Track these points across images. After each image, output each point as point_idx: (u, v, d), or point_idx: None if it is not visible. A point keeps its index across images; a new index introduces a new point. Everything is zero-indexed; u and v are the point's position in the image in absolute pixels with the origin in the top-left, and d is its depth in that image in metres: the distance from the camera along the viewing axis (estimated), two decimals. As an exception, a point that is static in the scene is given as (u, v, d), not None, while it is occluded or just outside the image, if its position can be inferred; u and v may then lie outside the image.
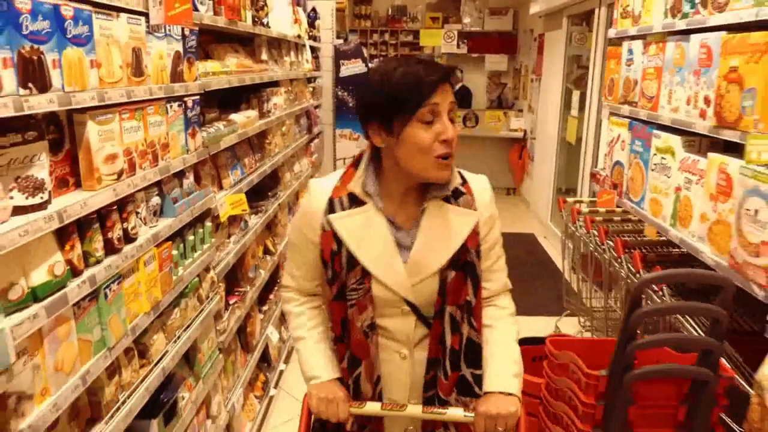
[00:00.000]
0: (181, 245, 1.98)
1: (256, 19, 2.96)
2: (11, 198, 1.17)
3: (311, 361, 1.46)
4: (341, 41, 5.60)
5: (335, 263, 1.36)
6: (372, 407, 1.39)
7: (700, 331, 1.98)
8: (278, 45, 3.69)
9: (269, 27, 3.20)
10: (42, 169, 1.25)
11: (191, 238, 2.06)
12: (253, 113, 2.91)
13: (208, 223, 2.25)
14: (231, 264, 2.54)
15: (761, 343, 1.73)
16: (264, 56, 3.26)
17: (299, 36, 4.07)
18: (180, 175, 1.99)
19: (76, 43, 1.31)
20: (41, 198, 1.25)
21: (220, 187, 2.53)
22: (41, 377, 1.22)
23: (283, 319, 3.75)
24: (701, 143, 2.25)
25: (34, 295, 1.20)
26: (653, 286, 2.15)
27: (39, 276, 1.22)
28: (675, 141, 2.31)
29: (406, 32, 9.90)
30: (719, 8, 2.03)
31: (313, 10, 4.84)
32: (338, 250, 1.35)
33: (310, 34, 4.57)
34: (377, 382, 1.42)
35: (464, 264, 1.38)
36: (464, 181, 1.42)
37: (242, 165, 2.80)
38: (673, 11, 2.41)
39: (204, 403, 2.27)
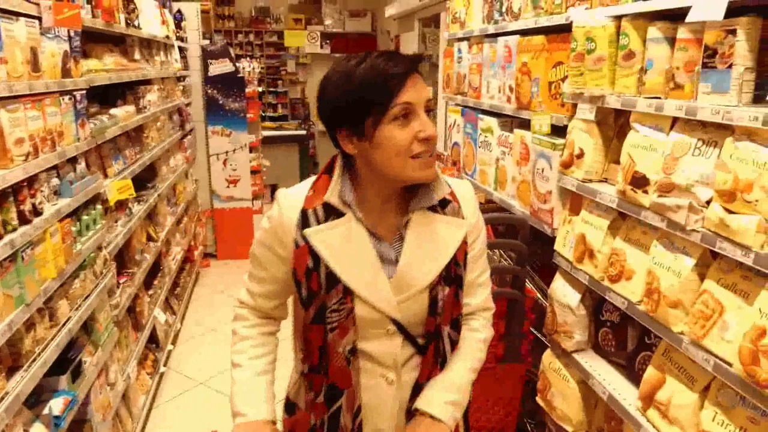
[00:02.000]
0: (78, 223, 2.23)
1: (129, 21, 3.18)
2: (-53, 170, 1.42)
3: (243, 395, 1.31)
4: (207, 42, 5.81)
5: (311, 281, 1.23)
6: None
7: (511, 263, 2.56)
8: (148, 45, 3.89)
9: (140, 28, 3.42)
10: (-33, 148, 1.50)
11: (85, 217, 2.31)
12: (131, 108, 3.14)
13: (99, 206, 2.49)
14: (119, 246, 2.77)
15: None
16: (137, 56, 3.47)
17: (167, 36, 4.28)
18: (73, 161, 2.23)
19: (-12, 43, 1.57)
20: (-31, 172, 1.49)
21: (105, 176, 2.75)
22: (-21, 319, 1.48)
23: (167, 302, 3.97)
24: (513, 123, 2.85)
25: (-30, 252, 1.46)
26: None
27: (-28, 236, 1.48)
28: (493, 122, 2.90)
29: (271, 33, 10.16)
30: (515, 17, 2.63)
31: (179, 11, 5.04)
32: (315, 267, 1.22)
33: (177, 34, 4.77)
34: (357, 413, 1.29)
35: (455, 278, 1.29)
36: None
37: (123, 156, 3.02)
38: (488, 18, 3.01)
39: (103, 370, 2.50)
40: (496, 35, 2.85)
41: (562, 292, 2.19)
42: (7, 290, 1.63)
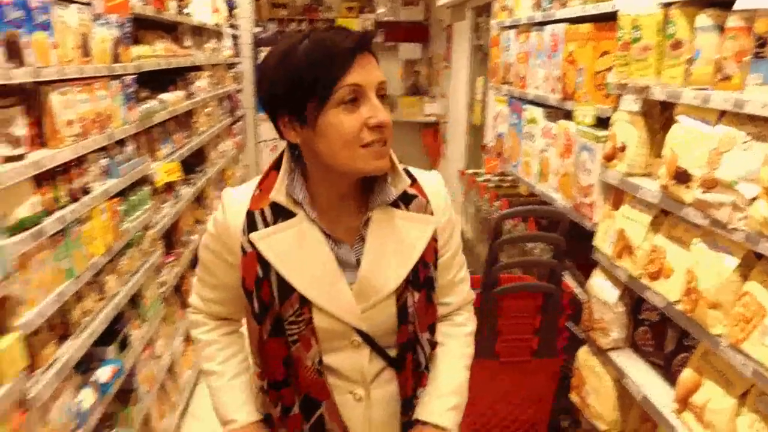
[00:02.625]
0: (126, 203, 2.32)
1: (180, 8, 3.27)
2: (6, 149, 1.50)
3: (226, 401, 1.24)
4: (260, 29, 5.91)
5: (262, 292, 1.11)
6: None
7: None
8: (199, 32, 3.99)
9: (191, 16, 3.51)
10: (19, 128, 1.58)
11: (133, 198, 2.40)
12: (180, 93, 3.23)
13: (146, 188, 2.58)
14: (167, 226, 2.87)
15: (591, 262, 2.28)
16: (187, 42, 3.57)
17: (218, 24, 4.37)
18: (122, 143, 2.32)
19: (41, 28, 1.64)
20: (21, 151, 1.58)
21: (154, 159, 2.85)
22: (30, 289, 1.56)
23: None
24: (558, 114, 2.79)
25: (22, 225, 1.54)
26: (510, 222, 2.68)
27: (23, 210, 1.56)
28: (538, 113, 2.85)
29: (323, 21, 10.22)
30: (563, 4, 2.56)
31: (232, -1, 5.14)
32: (265, 276, 1.11)
33: (230, 22, 4.87)
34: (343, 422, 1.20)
35: (426, 281, 1.17)
36: (413, 181, 1.19)
37: (172, 140, 3.12)
38: (536, 5, 2.94)
39: (149, 344, 2.61)
40: (543, 23, 2.79)
41: (600, 288, 2.14)
42: (57, 263, 1.72)
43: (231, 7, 4.97)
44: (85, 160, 1.94)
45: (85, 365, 2.03)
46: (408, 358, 1.19)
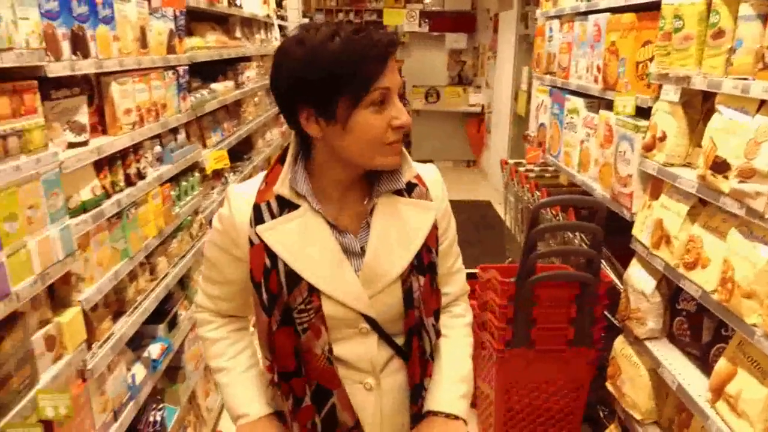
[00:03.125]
0: (177, 188, 2.44)
1: (231, 1, 3.38)
2: (66, 135, 1.62)
3: (238, 396, 1.25)
4: (307, 20, 6.01)
5: (270, 283, 1.13)
6: None
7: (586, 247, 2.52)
8: (249, 24, 4.11)
9: (241, 8, 3.62)
10: (83, 116, 1.70)
11: (184, 184, 2.52)
12: (230, 84, 3.35)
13: (197, 174, 2.70)
14: (214, 212, 2.99)
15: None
16: (237, 34, 3.69)
17: (268, 15, 4.48)
18: (174, 131, 2.44)
19: (104, 22, 1.76)
20: (84, 137, 1.70)
21: (204, 146, 2.97)
22: (90, 267, 1.69)
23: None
24: (599, 104, 2.78)
25: (84, 207, 1.66)
26: (550, 210, 2.69)
27: (85, 193, 1.68)
28: (579, 103, 2.84)
29: (370, 11, 10.27)
30: (607, -6, 2.55)
31: (280, -9, 5.25)
32: (272, 266, 1.13)
33: (278, 13, 4.98)
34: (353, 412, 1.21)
35: (429, 266, 1.20)
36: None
37: (222, 129, 3.24)
38: (580, -5, 2.92)
39: (194, 325, 2.74)
40: (587, 13, 2.77)
41: (637, 278, 2.15)
42: (114, 244, 1.84)
43: (279, -1, 5.09)
44: (141, 146, 2.07)
45: (136, 342, 2.16)
46: (415, 345, 1.20)
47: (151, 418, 2.11)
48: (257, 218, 1.13)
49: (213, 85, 3.09)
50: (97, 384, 1.76)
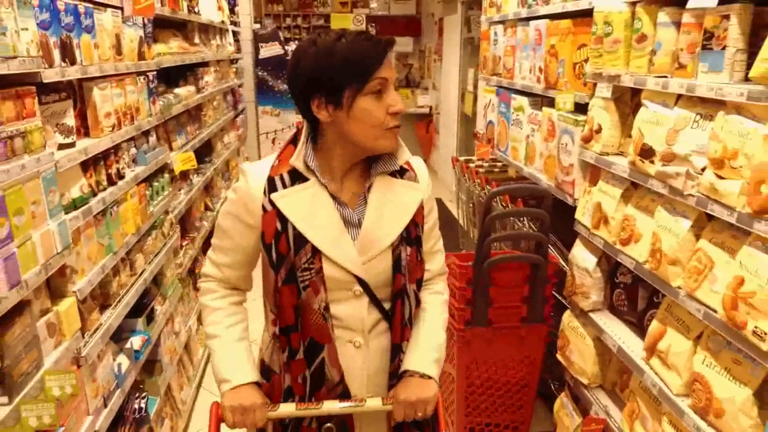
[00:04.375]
0: (150, 188, 2.55)
1: (190, 8, 3.49)
2: (56, 137, 1.73)
3: (224, 362, 1.37)
4: (258, 26, 6.12)
5: (279, 244, 1.29)
6: (287, 408, 1.34)
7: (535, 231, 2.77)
8: (206, 30, 4.21)
9: (200, 14, 3.72)
10: (70, 119, 1.81)
11: (156, 184, 2.62)
12: (192, 88, 3.45)
13: (166, 175, 2.81)
14: (182, 212, 3.10)
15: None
16: (196, 40, 3.78)
17: (223, 21, 4.58)
18: (146, 133, 2.55)
19: (86, 30, 1.87)
20: (72, 139, 1.81)
21: (171, 149, 3.07)
22: (81, 261, 1.80)
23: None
24: (542, 101, 3.03)
25: (74, 204, 1.77)
26: (501, 201, 2.93)
27: (75, 191, 1.79)
28: (524, 101, 3.09)
29: (318, 16, 10.41)
30: (546, 2, 2.80)
31: (232, -3, 5.34)
32: (282, 230, 1.29)
33: (231, 19, 5.08)
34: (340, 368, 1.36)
35: (416, 239, 1.38)
36: None
37: (186, 132, 3.34)
38: (522, 2, 3.18)
39: (169, 320, 2.84)
40: (528, 19, 3.03)
41: (581, 257, 2.40)
42: (100, 239, 1.95)
43: (232, 5, 5.18)
44: (119, 148, 2.17)
45: (117, 335, 2.26)
46: (398, 308, 1.36)
47: (135, 406, 2.21)
48: (271, 188, 1.30)
49: (177, 90, 3.19)
50: (89, 371, 1.86)
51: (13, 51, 1.38)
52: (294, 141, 1.36)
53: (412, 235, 1.37)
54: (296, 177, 1.31)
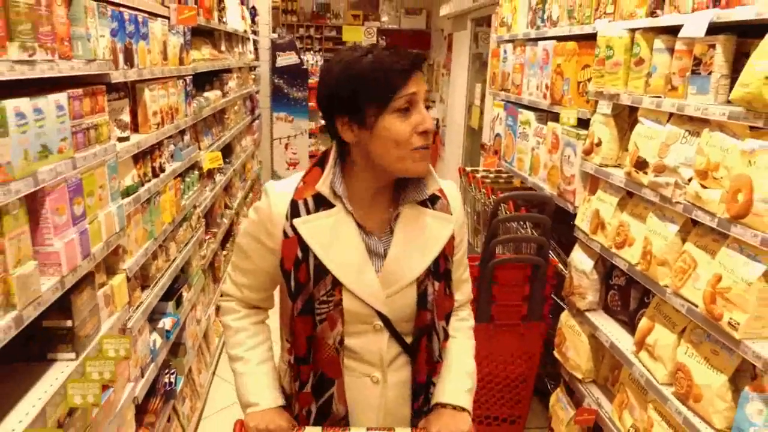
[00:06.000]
0: (183, 183, 2.76)
1: (220, 18, 3.72)
2: (116, 131, 1.94)
3: (250, 386, 1.33)
4: (275, 35, 6.36)
5: (300, 273, 1.23)
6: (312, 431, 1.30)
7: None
8: (230, 38, 4.44)
9: (227, 24, 3.96)
10: (126, 115, 2.02)
11: (188, 179, 2.84)
12: (218, 92, 3.68)
13: (196, 172, 3.02)
14: (207, 207, 3.31)
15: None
16: (222, 47, 4.01)
17: (245, 31, 4.82)
18: (182, 132, 2.76)
19: (142, 38, 2.09)
20: (127, 133, 2.02)
21: (199, 148, 3.29)
22: (130, 242, 2.00)
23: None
24: (547, 116, 3.25)
25: (127, 191, 1.98)
26: (505, 209, 3.14)
27: (128, 180, 2.00)
28: (531, 116, 3.31)
29: (330, 27, 10.70)
30: (553, 24, 3.03)
31: (253, 7, 5.59)
32: (303, 258, 1.23)
33: (252, 29, 5.32)
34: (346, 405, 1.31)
35: (444, 272, 1.30)
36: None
37: (211, 133, 3.56)
38: (531, 24, 3.40)
39: (193, 307, 3.04)
40: (536, 39, 3.25)
41: (579, 260, 2.60)
42: (144, 225, 2.15)
43: (253, 16, 5.42)
44: (161, 144, 2.38)
45: (150, 316, 2.46)
46: (422, 344, 1.29)
47: (165, 380, 2.41)
48: (293, 212, 1.24)
49: (206, 94, 3.41)
50: (133, 343, 2.06)
51: (94, 55, 1.59)
52: (320, 162, 1.29)
53: (440, 269, 1.29)
54: (321, 202, 1.24)
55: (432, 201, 1.31)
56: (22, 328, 1.26)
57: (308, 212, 1.24)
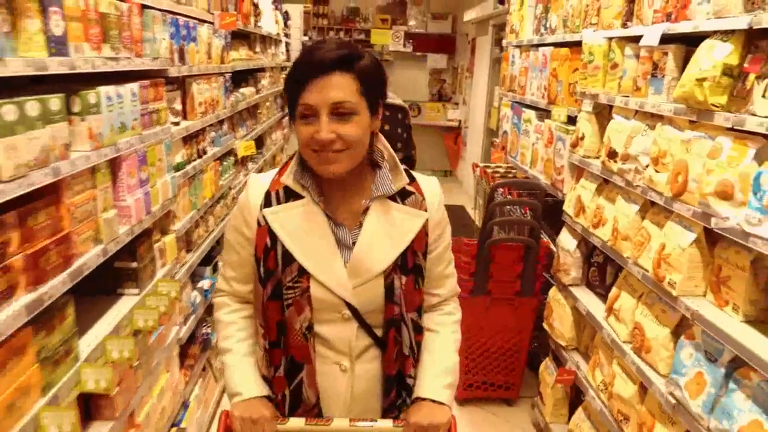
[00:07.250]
0: (221, 166, 3.18)
1: (255, 22, 4.15)
2: (170, 117, 2.36)
3: (236, 377, 1.35)
4: (306, 38, 6.80)
5: (268, 260, 1.27)
6: (296, 423, 1.32)
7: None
8: (263, 40, 4.87)
9: (261, 27, 4.39)
10: (178, 104, 2.44)
11: (225, 163, 3.26)
12: (252, 89, 4.10)
13: (232, 158, 3.44)
14: (240, 190, 3.73)
15: (561, 223, 3.08)
16: (257, 49, 4.45)
17: (278, 33, 5.25)
18: (221, 122, 3.18)
19: (192, 40, 2.51)
20: (178, 119, 2.44)
21: (235, 137, 3.71)
22: (178, 209, 2.42)
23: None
24: (546, 114, 3.59)
25: (177, 167, 2.40)
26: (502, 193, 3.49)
27: (178, 158, 2.42)
28: (532, 114, 3.65)
29: (359, 31, 11.10)
30: (552, 32, 3.37)
31: (286, 12, 6.03)
32: (272, 246, 1.26)
33: (284, 32, 5.75)
34: (317, 391, 1.33)
35: (414, 267, 1.32)
36: (412, 180, 1.37)
37: (246, 125, 3.99)
38: (536, 31, 3.75)
39: (226, 276, 3.46)
40: (538, 45, 3.60)
41: (565, 240, 2.94)
42: (190, 197, 2.58)
43: (285, 19, 5.86)
44: (204, 130, 2.80)
45: (191, 277, 2.88)
46: (391, 336, 1.31)
47: (203, 331, 2.82)
48: (266, 203, 1.28)
49: (242, 90, 3.84)
50: (179, 288, 2.48)
51: (158, 54, 2.01)
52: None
53: (408, 264, 1.32)
54: (291, 193, 1.28)
55: (404, 196, 1.34)
56: (106, 258, 1.67)
57: (279, 202, 1.29)
